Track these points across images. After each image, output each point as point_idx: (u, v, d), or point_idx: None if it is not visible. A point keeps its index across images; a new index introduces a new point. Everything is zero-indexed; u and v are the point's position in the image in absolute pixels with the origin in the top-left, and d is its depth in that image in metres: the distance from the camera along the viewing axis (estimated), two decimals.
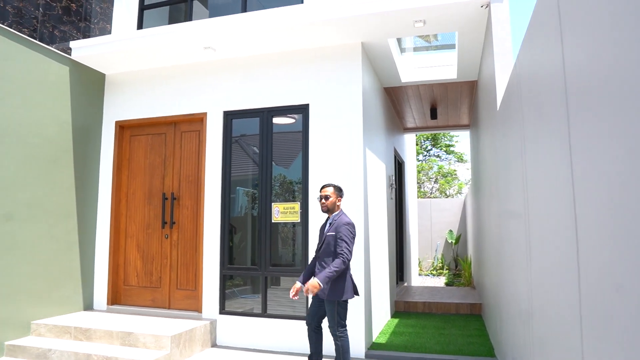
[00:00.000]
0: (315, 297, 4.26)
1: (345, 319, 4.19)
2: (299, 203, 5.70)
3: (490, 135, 5.39)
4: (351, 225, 4.19)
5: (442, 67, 7.18)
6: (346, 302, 4.17)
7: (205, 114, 6.20)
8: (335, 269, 3.99)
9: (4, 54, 5.29)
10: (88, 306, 6.27)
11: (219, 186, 6.00)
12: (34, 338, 5.25)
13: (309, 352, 4.38)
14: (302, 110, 5.81)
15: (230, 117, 6.11)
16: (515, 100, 3.33)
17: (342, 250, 4.04)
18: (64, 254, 5.93)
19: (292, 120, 5.91)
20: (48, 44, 5.84)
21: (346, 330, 4.17)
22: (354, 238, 4.18)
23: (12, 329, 5.21)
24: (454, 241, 14.66)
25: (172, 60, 6.27)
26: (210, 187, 6.02)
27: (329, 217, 4.38)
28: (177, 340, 4.88)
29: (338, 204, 4.35)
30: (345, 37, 5.49)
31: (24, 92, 5.49)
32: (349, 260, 4.09)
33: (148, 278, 6.28)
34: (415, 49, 7.50)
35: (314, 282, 3.96)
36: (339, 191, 4.39)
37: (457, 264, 14.39)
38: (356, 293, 4.27)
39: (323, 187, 4.38)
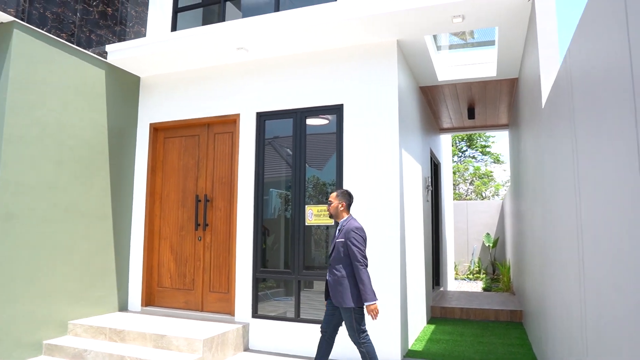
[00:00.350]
0: (330, 303, 4.21)
1: (364, 324, 4.10)
2: None
3: (533, 135, 5.12)
4: (360, 230, 4.12)
5: (481, 65, 6.91)
6: (362, 307, 4.07)
7: (238, 115, 6.16)
8: (364, 281, 3.93)
9: (44, 58, 5.39)
10: (123, 307, 6.32)
11: (251, 188, 5.94)
12: (71, 338, 5.32)
13: None
14: (336, 110, 5.69)
15: (263, 118, 6.05)
16: (565, 97, 3.11)
17: (358, 260, 3.98)
18: (99, 255, 6.00)
19: (326, 122, 5.79)
20: (85, 48, 5.93)
21: (367, 334, 4.08)
22: (364, 241, 4.11)
23: (51, 328, 5.29)
24: (491, 244, 14.21)
25: (205, 62, 6.26)
26: (243, 189, 5.97)
27: (338, 224, 4.29)
28: (209, 344, 4.83)
29: (341, 209, 4.27)
30: (380, 34, 5.34)
31: (61, 95, 5.58)
32: (366, 265, 4.03)
33: (181, 280, 6.29)
34: (451, 47, 7.25)
35: (372, 306, 3.92)
36: (342, 196, 4.30)
37: (494, 268, 13.94)
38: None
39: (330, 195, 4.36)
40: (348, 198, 4.32)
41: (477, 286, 12.23)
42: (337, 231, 4.23)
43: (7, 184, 4.93)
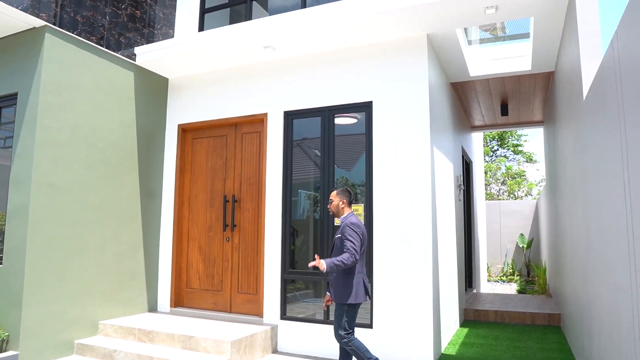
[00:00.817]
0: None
1: (354, 324, 4.13)
2: (362, 205, 5.45)
3: (572, 130, 4.87)
4: (355, 225, 4.15)
5: (514, 59, 6.65)
6: (356, 306, 4.13)
7: (265, 114, 6.10)
8: (343, 260, 3.93)
9: (74, 62, 5.46)
10: (152, 308, 6.35)
11: (279, 188, 5.87)
12: (102, 338, 5.36)
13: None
14: (365, 108, 5.56)
15: (290, 117, 5.97)
16: (611, 87, 2.90)
17: (348, 248, 4.01)
18: (129, 256, 6.03)
19: (355, 121, 5.66)
20: (114, 51, 5.98)
21: (352, 334, 4.09)
22: (360, 237, 4.13)
23: (82, 328, 5.34)
24: (525, 245, 13.77)
25: (232, 62, 6.24)
26: (271, 189, 5.91)
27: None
28: (237, 346, 4.77)
29: (342, 206, 4.34)
30: (409, 28, 5.18)
31: (91, 97, 5.64)
32: (356, 258, 4.02)
33: (210, 281, 6.27)
34: (482, 41, 7.00)
35: (322, 261, 3.92)
36: (342, 193, 4.37)
37: (529, 270, 13.49)
38: (368, 295, 4.23)
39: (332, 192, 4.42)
40: (348, 195, 4.38)
41: (511, 288, 11.86)
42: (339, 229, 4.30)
43: (39, 186, 5.00)
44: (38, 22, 5.19)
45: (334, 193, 4.38)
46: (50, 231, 5.07)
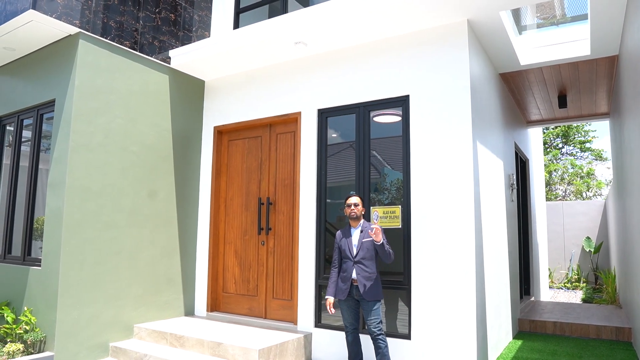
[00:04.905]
0: (349, 302, 4.44)
1: None
2: (399, 207, 5.10)
3: None
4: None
5: (570, 44, 6.00)
6: None
7: (299, 113, 5.89)
8: (390, 251, 4.37)
9: (108, 67, 5.51)
10: (189, 312, 6.30)
11: (314, 189, 5.63)
12: (136, 341, 5.34)
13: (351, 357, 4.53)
14: (402, 102, 5.21)
15: (324, 115, 5.72)
16: None
17: (390, 249, 4.38)
18: (165, 259, 6.01)
19: (397, 119, 5.28)
20: (148, 55, 6.00)
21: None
22: None
23: (117, 330, 5.35)
24: (592, 250, 12.70)
25: (265, 60, 6.08)
26: (305, 191, 5.68)
27: (350, 227, 4.59)
28: (265, 354, 4.57)
29: (364, 213, 4.72)
30: (446, 14, 4.78)
31: (125, 102, 5.67)
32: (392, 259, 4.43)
33: (245, 286, 6.13)
34: (530, 27, 6.37)
35: (381, 234, 4.25)
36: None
37: (597, 277, 12.41)
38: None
39: (351, 197, 4.61)
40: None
41: (576, 296, 10.93)
42: (359, 232, 4.51)
43: (73, 190, 5.06)
44: (72, 29, 5.27)
45: (359, 198, 4.60)
46: (85, 234, 5.12)
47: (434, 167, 4.86)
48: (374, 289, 4.34)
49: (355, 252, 4.44)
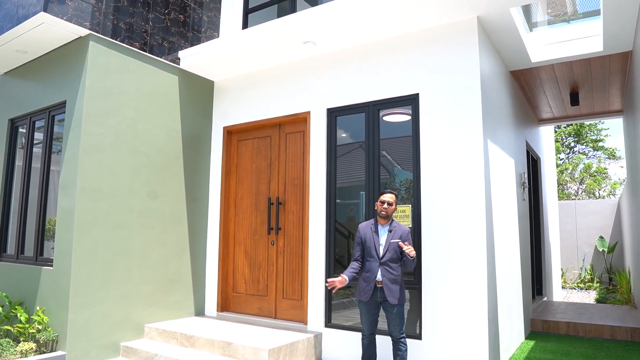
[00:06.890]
0: (370, 306, 4.29)
1: None
2: (409, 206, 5.06)
3: None
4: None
5: (582, 40, 5.93)
6: None
7: (308, 112, 5.88)
8: (414, 264, 4.32)
9: (118, 68, 5.54)
10: (199, 312, 6.31)
11: (323, 189, 5.61)
12: (146, 341, 5.36)
13: None
14: (411, 101, 5.17)
15: (334, 114, 5.71)
16: None
17: (414, 256, 4.24)
18: (175, 259, 6.03)
19: (407, 118, 5.24)
20: (157, 56, 6.02)
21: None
22: None
23: (128, 330, 5.37)
24: (606, 249, 12.53)
25: (274, 60, 6.08)
26: (315, 191, 5.67)
27: (377, 224, 4.39)
28: (275, 354, 4.56)
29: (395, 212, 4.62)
30: (456, 12, 4.74)
31: (135, 103, 5.69)
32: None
33: (255, 286, 6.13)
34: (541, 23, 6.29)
35: (412, 250, 4.19)
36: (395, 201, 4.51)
37: (610, 277, 12.24)
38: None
39: (386, 193, 4.40)
40: None
41: (589, 297, 10.79)
42: (387, 232, 4.33)
43: (84, 191, 5.09)
44: (83, 31, 5.31)
45: (394, 196, 4.41)
46: (96, 235, 5.15)
47: (444, 166, 4.82)
48: (399, 292, 4.20)
49: (382, 252, 4.25)
